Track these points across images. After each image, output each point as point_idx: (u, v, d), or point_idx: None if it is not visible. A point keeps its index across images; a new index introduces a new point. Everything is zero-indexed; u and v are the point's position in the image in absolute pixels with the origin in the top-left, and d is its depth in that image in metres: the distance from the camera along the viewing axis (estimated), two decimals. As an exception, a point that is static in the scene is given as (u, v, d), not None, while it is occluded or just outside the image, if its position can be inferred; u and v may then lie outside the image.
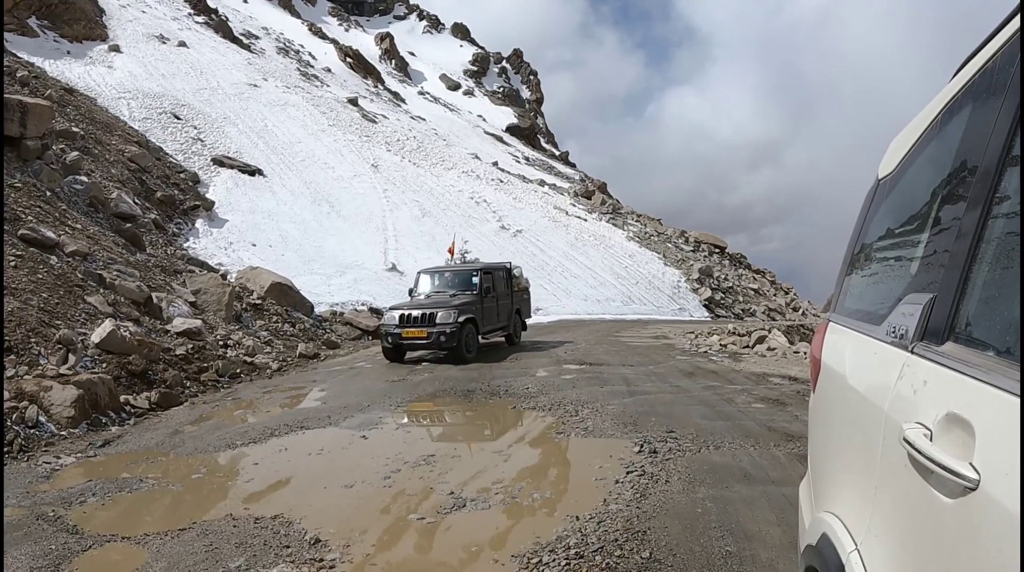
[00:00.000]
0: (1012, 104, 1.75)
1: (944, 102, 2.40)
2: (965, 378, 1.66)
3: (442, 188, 50.81)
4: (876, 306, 2.62)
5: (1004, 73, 1.87)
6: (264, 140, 48.06)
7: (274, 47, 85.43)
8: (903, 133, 2.88)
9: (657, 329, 27.58)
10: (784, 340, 20.82)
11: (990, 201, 1.78)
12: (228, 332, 18.93)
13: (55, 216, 19.50)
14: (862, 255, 3.16)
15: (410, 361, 17.73)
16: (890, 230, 2.88)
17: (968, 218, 1.88)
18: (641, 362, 16.55)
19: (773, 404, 11.13)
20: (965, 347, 1.77)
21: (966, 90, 2.21)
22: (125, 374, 13.01)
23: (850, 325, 2.87)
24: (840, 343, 2.89)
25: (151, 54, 56.68)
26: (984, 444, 1.50)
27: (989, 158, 1.83)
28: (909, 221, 2.63)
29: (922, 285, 2.16)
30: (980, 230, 1.80)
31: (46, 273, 15.20)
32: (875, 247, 3.02)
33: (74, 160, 25.26)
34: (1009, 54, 1.87)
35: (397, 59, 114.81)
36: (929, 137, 2.54)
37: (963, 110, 2.21)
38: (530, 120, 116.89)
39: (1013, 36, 1.86)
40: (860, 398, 2.38)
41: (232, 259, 29.55)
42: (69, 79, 42.15)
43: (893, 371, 2.13)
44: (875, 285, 2.91)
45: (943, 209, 2.21)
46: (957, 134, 2.20)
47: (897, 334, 2.21)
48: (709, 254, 56.22)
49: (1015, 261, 1.65)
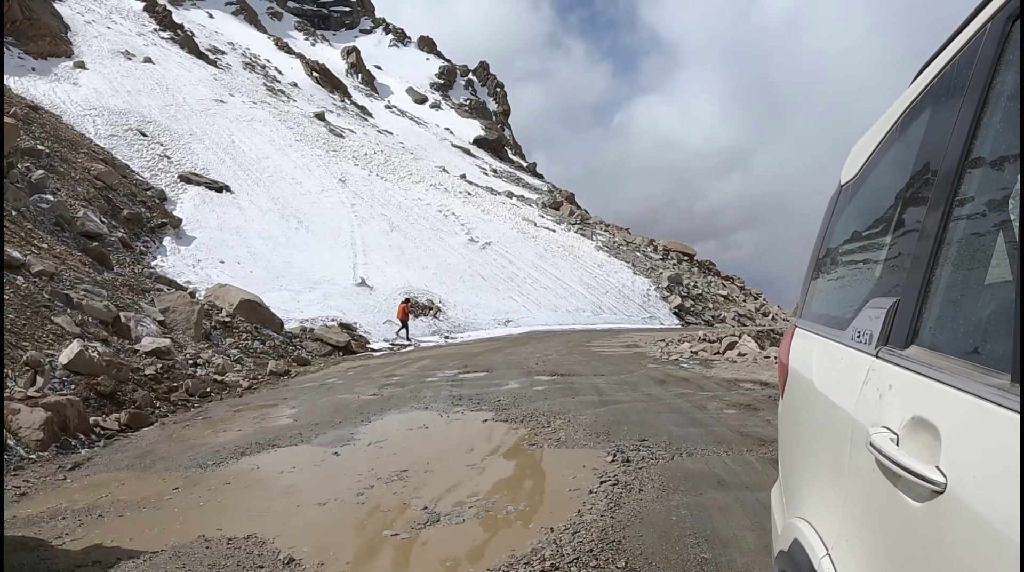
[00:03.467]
0: (970, 106, 1.78)
1: (904, 106, 2.43)
2: (930, 381, 1.67)
3: (410, 202, 50.82)
4: (841, 311, 2.64)
5: (962, 76, 1.90)
6: (231, 156, 47.93)
7: (240, 62, 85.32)
8: (864, 139, 2.92)
9: (628, 338, 27.68)
10: (754, 345, 20.93)
11: (950, 204, 1.81)
12: (197, 351, 18.81)
13: (21, 235, 19.32)
14: (827, 260, 3.19)
15: (382, 375, 17.69)
16: (854, 235, 2.91)
17: (929, 221, 1.90)
18: (613, 371, 16.59)
19: (745, 409, 11.18)
20: (929, 350, 1.79)
21: (925, 94, 2.24)
22: (94, 395, 12.89)
23: (816, 330, 2.89)
24: (807, 348, 2.91)
25: (117, 70, 56.45)
26: (950, 447, 1.51)
27: (949, 161, 1.85)
28: (872, 225, 2.66)
29: (886, 289, 2.18)
30: (941, 233, 1.83)
31: (12, 293, 15.06)
32: (839, 252, 3.06)
33: (40, 178, 25.08)
34: (967, 58, 1.90)
35: (364, 73, 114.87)
36: (890, 141, 2.57)
37: (922, 114, 2.24)
38: (497, 132, 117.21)
39: (970, 40, 1.89)
40: (827, 403, 2.40)
41: (200, 277, 29.43)
42: (34, 96, 41.93)
43: (859, 375, 2.14)
44: (840, 290, 2.95)
45: (905, 213, 2.24)
46: (917, 138, 2.23)
47: (862, 338, 2.23)
48: (678, 262, 56.59)
49: (978, 263, 1.67)
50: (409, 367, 19.32)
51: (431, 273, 38.73)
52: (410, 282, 35.97)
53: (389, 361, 21.90)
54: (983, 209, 1.70)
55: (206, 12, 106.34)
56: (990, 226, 1.69)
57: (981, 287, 1.66)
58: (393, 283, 35.18)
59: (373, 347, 27.53)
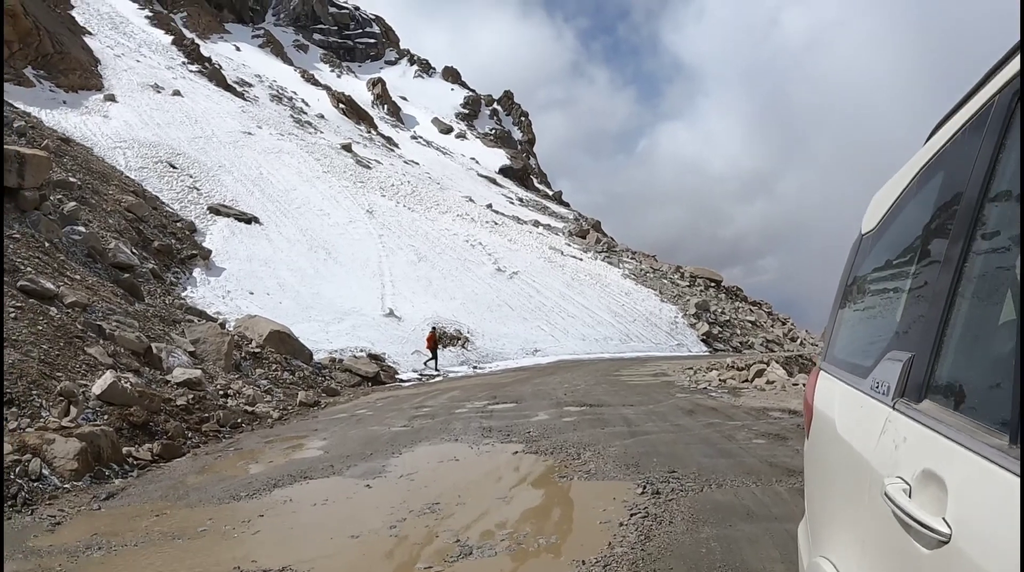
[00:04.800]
0: (978, 179, 1.86)
1: (919, 166, 2.51)
2: (939, 437, 1.76)
3: (437, 232, 51.00)
4: (862, 359, 2.71)
5: (970, 146, 1.98)
6: (259, 188, 48.33)
7: (267, 94, 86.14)
8: (884, 190, 3.00)
9: (656, 366, 27.63)
10: (783, 372, 20.86)
11: (960, 270, 1.88)
12: (228, 381, 18.96)
13: (54, 267, 19.59)
14: (849, 307, 3.27)
15: (411, 406, 17.76)
16: (873, 286, 2.99)
17: (941, 282, 1.99)
18: (641, 401, 16.58)
19: (774, 439, 11.17)
20: (940, 406, 1.87)
21: (938, 157, 2.32)
22: (127, 426, 13.02)
23: (839, 375, 2.96)
24: (830, 392, 2.98)
25: (146, 103, 57.12)
26: (955, 501, 1.60)
27: (959, 224, 1.93)
28: (891, 278, 2.73)
29: (903, 342, 2.26)
30: (952, 296, 1.90)
31: (46, 324, 15.26)
32: (861, 300, 3.14)
33: (72, 210, 25.42)
34: (973, 129, 1.98)
35: (389, 104, 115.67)
36: (906, 199, 2.65)
37: (936, 176, 2.32)
38: (523, 161, 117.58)
39: (978, 112, 1.97)
40: (848, 449, 2.48)
41: (230, 308, 29.62)
42: (65, 129, 42.42)
43: (877, 425, 2.23)
44: (862, 338, 3.02)
45: (919, 271, 2.32)
46: (931, 198, 2.31)
47: (880, 389, 2.31)
48: (705, 288, 56.41)
49: (987, 327, 1.75)
50: (438, 398, 19.36)
51: (459, 303, 38.83)
52: (438, 312, 36.06)
53: (418, 392, 21.96)
54: (992, 277, 1.78)
55: (233, 45, 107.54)
56: (997, 294, 1.76)
57: (989, 350, 1.74)
58: (421, 313, 35.29)
59: (402, 377, 27.60)
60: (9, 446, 10.12)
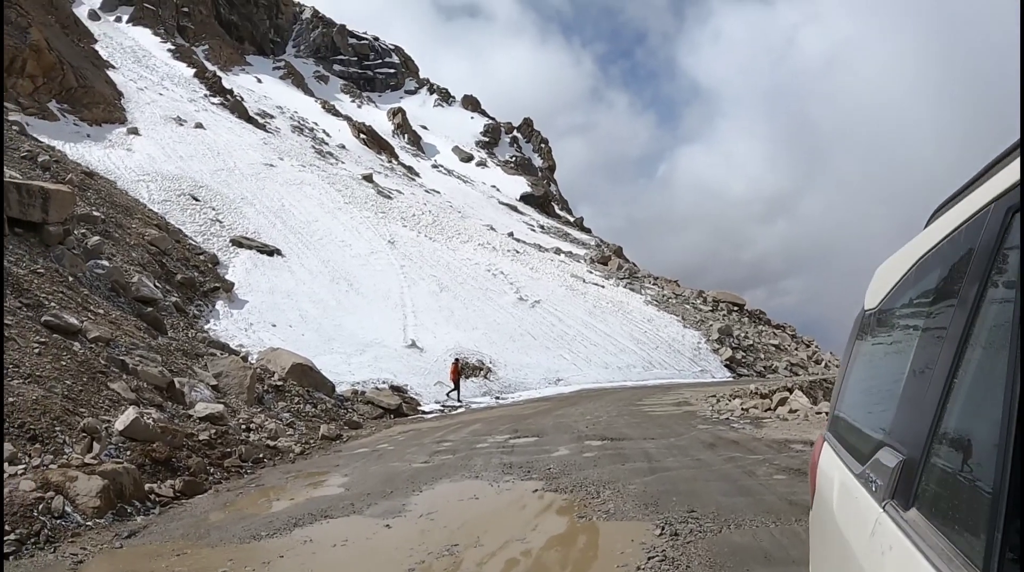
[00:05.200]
0: (973, 283, 1.86)
1: (919, 254, 2.50)
2: (919, 555, 1.77)
3: (459, 262, 51.12)
4: (860, 441, 2.72)
5: (966, 246, 1.98)
6: (281, 219, 48.62)
7: (289, 126, 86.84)
8: (887, 266, 3.00)
9: (679, 394, 27.55)
10: (805, 401, 20.76)
11: (953, 374, 1.88)
12: (250, 415, 19.03)
13: (78, 301, 19.74)
14: (850, 381, 3.27)
15: (433, 441, 17.77)
16: (873, 368, 2.99)
17: (933, 388, 1.98)
18: (662, 434, 16.52)
19: (795, 474, 11.11)
20: (926, 520, 1.87)
21: (935, 252, 2.32)
22: (149, 461, 13.09)
23: (839, 451, 2.98)
24: (831, 467, 3.00)
25: (169, 136, 57.74)
26: None
27: (953, 330, 1.93)
28: (888, 367, 2.73)
29: (897, 439, 2.26)
30: (943, 403, 1.90)
31: (70, 360, 15.38)
32: (861, 380, 3.15)
33: (95, 245, 25.66)
34: (969, 232, 1.99)
35: (410, 133, 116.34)
36: (906, 286, 2.65)
37: (933, 272, 2.32)
38: (543, 188, 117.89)
39: (973, 217, 1.98)
40: (843, 538, 2.51)
41: (253, 340, 29.77)
42: (89, 162, 42.86)
43: (868, 523, 2.25)
44: (861, 417, 3.01)
45: (914, 369, 2.30)
46: (927, 296, 2.32)
47: (873, 485, 2.32)
48: (728, 313, 56.32)
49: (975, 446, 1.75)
50: (460, 432, 19.36)
51: (481, 333, 38.86)
52: (460, 343, 36.09)
53: (440, 425, 21.97)
54: (982, 390, 1.76)
55: (255, 77, 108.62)
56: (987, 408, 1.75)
57: (975, 470, 1.71)
58: (443, 344, 35.34)
59: (424, 409, 27.61)
60: (32, 483, 10.20)
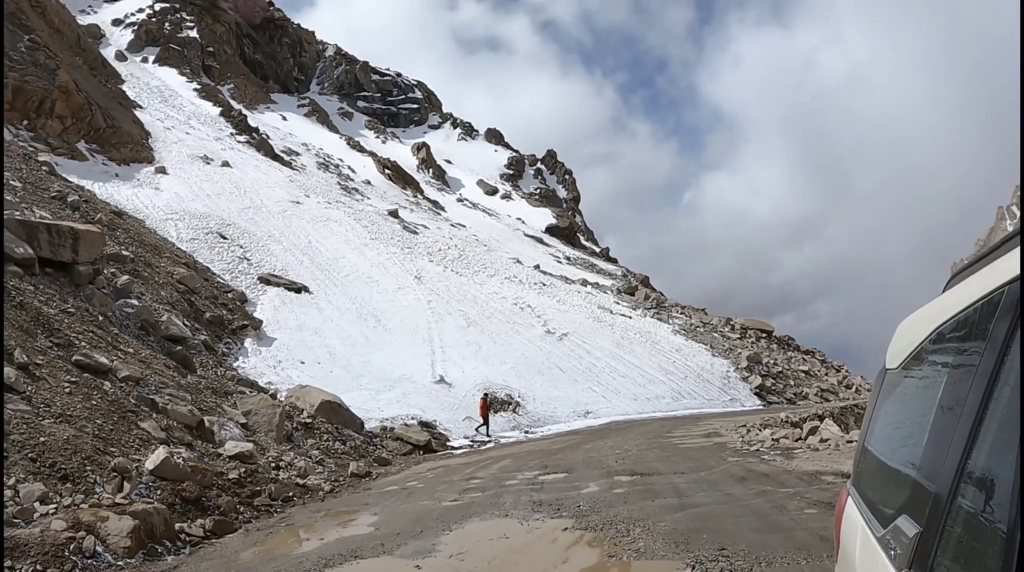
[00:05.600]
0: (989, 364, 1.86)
1: (938, 321, 2.50)
2: None
3: (486, 296, 51.12)
4: (882, 502, 2.72)
5: (981, 329, 1.98)
6: (308, 256, 48.85)
7: (314, 162, 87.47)
8: (908, 323, 2.99)
9: (709, 425, 27.37)
10: (836, 429, 20.56)
11: (968, 452, 1.88)
12: (280, 453, 19.09)
13: (108, 340, 19.92)
14: (873, 441, 3.26)
15: (462, 478, 17.74)
16: (894, 431, 2.99)
17: (950, 460, 1.98)
18: (692, 468, 16.40)
19: (826, 508, 10.99)
20: None
21: (953, 323, 2.32)
22: (179, 501, 13.16)
23: (862, 509, 2.98)
24: (854, 525, 3.01)
25: (196, 175, 58.34)
26: None
27: (969, 406, 1.93)
28: (908, 432, 2.73)
29: (915, 509, 2.25)
30: (959, 477, 1.90)
31: (100, 399, 15.52)
32: (883, 441, 3.16)
33: (125, 284, 25.94)
34: (986, 309, 1.98)
35: (434, 168, 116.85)
36: (925, 352, 2.64)
37: (950, 343, 2.32)
38: (568, 219, 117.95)
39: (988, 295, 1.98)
40: None
41: (281, 377, 29.87)
42: (118, 202, 43.33)
43: None
44: (883, 479, 3.02)
45: (932, 438, 2.29)
46: (945, 366, 2.32)
47: (892, 552, 2.32)
48: (756, 340, 56.08)
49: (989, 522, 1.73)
50: (489, 468, 19.31)
51: (509, 367, 38.80)
52: (488, 377, 36.04)
53: (469, 461, 21.93)
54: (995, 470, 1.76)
55: (280, 115, 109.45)
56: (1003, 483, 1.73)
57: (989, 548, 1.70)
58: (472, 379, 35.30)
59: (453, 445, 27.58)
60: (63, 523, 10.29)
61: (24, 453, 11.87)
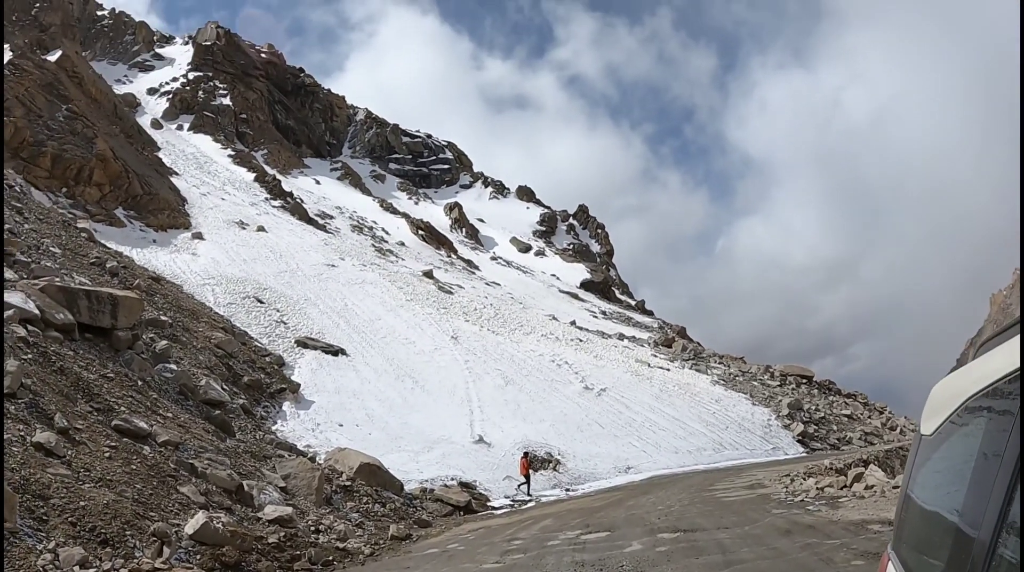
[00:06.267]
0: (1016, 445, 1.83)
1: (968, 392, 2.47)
2: None
3: (523, 354, 51.02)
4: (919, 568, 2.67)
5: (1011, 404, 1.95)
6: (345, 319, 49.11)
7: (348, 225, 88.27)
8: (941, 387, 2.96)
9: (751, 476, 27.01)
10: (881, 475, 20.21)
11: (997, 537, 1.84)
12: (319, 516, 19.05)
13: (147, 405, 20.08)
14: (912, 504, 3.22)
15: (503, 539, 17.56)
16: (931, 496, 2.96)
17: (982, 535, 1.95)
18: (736, 522, 16.14)
19: (872, 559, 10.78)
20: None
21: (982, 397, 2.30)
22: (219, 565, 13.15)
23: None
24: None
25: (232, 239, 59.15)
26: None
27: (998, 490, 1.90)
28: (943, 499, 2.71)
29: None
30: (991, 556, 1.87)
31: (139, 463, 15.61)
32: (921, 505, 3.12)
33: (163, 349, 26.21)
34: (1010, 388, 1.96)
35: (467, 227, 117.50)
36: (957, 423, 2.62)
37: (979, 419, 2.30)
38: (603, 273, 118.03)
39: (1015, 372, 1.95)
40: None
41: (320, 440, 29.89)
42: (156, 267, 44.06)
43: None
44: (921, 544, 2.99)
45: (965, 512, 2.27)
46: (975, 442, 2.29)
47: None
48: (797, 386, 55.56)
49: None
50: (530, 528, 19.11)
51: (548, 425, 38.52)
52: (527, 436, 35.80)
53: (510, 521, 21.74)
54: None
55: (313, 179, 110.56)
56: None
57: None
58: (511, 438, 35.08)
59: (493, 505, 27.38)
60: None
61: (64, 517, 11.93)
